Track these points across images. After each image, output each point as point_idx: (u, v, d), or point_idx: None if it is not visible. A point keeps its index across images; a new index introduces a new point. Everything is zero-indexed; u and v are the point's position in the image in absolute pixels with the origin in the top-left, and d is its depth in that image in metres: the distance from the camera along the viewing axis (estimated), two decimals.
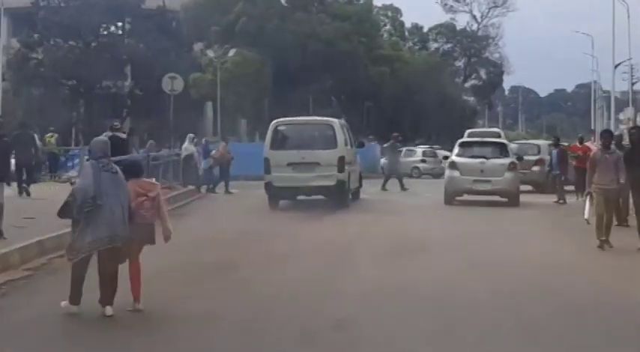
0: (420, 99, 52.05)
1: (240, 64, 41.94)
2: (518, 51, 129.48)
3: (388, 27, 60.75)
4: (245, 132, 52.49)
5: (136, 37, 52.10)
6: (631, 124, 42.73)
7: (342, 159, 20.07)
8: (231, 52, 39.55)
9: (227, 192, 25.53)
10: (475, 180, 20.92)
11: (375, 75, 47.84)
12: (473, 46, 68.86)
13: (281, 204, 20.73)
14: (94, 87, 51.58)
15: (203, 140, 29.41)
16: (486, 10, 70.61)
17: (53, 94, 50.03)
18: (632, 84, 66.28)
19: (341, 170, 19.99)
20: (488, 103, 74.38)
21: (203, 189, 25.95)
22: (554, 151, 22.92)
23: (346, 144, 20.93)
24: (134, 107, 52.08)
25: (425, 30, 66.93)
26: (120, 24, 54.42)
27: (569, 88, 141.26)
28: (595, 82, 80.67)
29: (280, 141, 20.61)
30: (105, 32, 53.37)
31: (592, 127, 77.43)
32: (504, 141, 24.34)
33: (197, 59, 45.69)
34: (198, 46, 48.73)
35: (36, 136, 21.54)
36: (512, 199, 21.05)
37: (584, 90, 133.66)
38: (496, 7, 70.40)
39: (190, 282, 10.31)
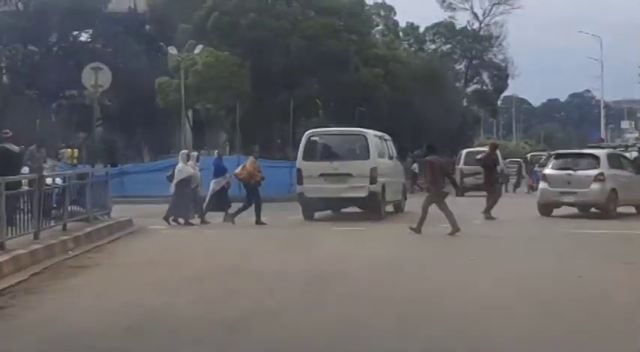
0: (418, 105, 46.95)
1: (212, 65, 36.58)
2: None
3: (381, 27, 55.24)
4: (226, 144, 47.53)
5: (102, 42, 48.17)
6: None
7: (374, 170, 20.18)
8: (198, 49, 34.21)
9: (259, 222, 19.24)
10: (562, 192, 21.23)
11: (367, 77, 42.36)
12: (474, 47, 63.04)
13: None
14: (57, 96, 47.23)
15: (215, 153, 23.50)
16: (489, 7, 64.57)
17: (11, 104, 45.41)
18: None
19: (373, 181, 20.09)
20: (493, 110, 68.82)
21: (192, 217, 19.53)
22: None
23: (382, 156, 21.33)
24: (105, 118, 47.64)
25: (421, 30, 61.26)
26: (85, 29, 50.32)
27: (562, 98, 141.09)
28: (589, 91, 76.38)
29: (313, 152, 20.87)
30: (70, 37, 49.28)
31: (601, 136, 73.12)
32: (598, 152, 23.42)
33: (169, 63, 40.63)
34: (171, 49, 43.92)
35: None
36: (603, 211, 20.96)
37: (578, 100, 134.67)
38: (499, 3, 64.56)
39: None
